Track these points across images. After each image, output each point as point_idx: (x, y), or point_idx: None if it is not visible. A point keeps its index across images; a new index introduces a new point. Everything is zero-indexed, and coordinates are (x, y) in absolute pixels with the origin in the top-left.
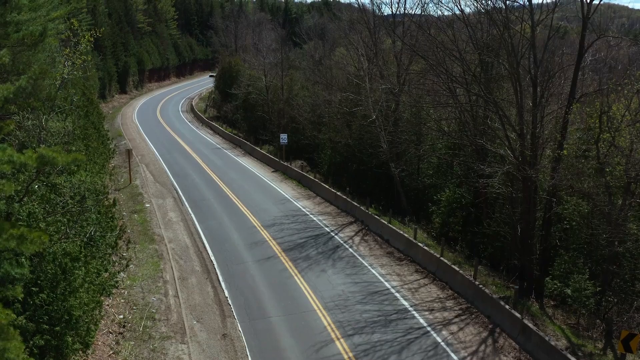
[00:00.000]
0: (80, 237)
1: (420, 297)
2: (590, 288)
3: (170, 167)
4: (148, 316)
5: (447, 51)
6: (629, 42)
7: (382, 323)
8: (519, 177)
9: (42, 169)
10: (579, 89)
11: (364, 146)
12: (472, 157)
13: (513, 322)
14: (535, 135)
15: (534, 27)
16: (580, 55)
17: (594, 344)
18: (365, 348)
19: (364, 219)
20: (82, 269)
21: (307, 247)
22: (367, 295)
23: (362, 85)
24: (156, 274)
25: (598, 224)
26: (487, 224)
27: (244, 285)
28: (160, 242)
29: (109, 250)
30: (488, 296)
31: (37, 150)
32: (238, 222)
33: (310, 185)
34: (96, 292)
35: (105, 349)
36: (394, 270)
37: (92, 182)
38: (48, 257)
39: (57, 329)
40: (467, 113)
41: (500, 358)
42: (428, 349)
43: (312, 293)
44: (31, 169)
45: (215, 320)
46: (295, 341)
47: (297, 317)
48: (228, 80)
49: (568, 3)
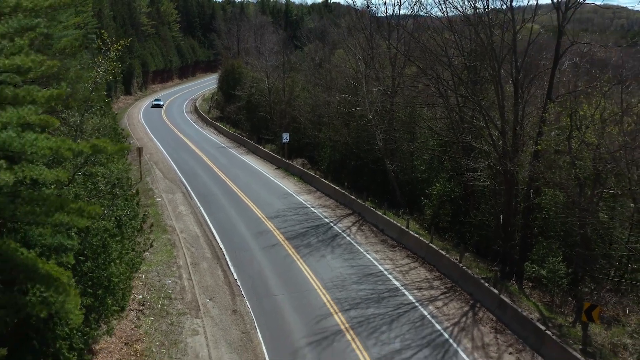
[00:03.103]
0: (112, 219)
1: (410, 278)
2: (563, 269)
3: (178, 164)
4: (165, 296)
5: (436, 57)
6: (600, 47)
7: (375, 300)
8: (500, 171)
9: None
10: (557, 90)
11: (361, 144)
12: (460, 153)
13: (492, 298)
14: (516, 132)
15: (515, 35)
16: (556, 60)
17: (565, 318)
18: (360, 320)
19: (360, 211)
20: (118, 245)
21: (308, 235)
22: (362, 277)
23: (360, 87)
24: (170, 260)
25: (570, 212)
26: (474, 215)
27: (251, 269)
28: (172, 232)
29: (135, 232)
30: (471, 276)
31: (90, 141)
32: (244, 214)
33: (311, 181)
34: (128, 265)
35: (128, 324)
36: (387, 255)
37: (119, 173)
38: (93, 232)
39: (99, 292)
40: (455, 113)
41: (479, 328)
42: (415, 321)
43: (313, 275)
44: (85, 156)
45: (225, 299)
46: (298, 315)
47: (300, 296)
48: (231, 82)
49: (546, 12)
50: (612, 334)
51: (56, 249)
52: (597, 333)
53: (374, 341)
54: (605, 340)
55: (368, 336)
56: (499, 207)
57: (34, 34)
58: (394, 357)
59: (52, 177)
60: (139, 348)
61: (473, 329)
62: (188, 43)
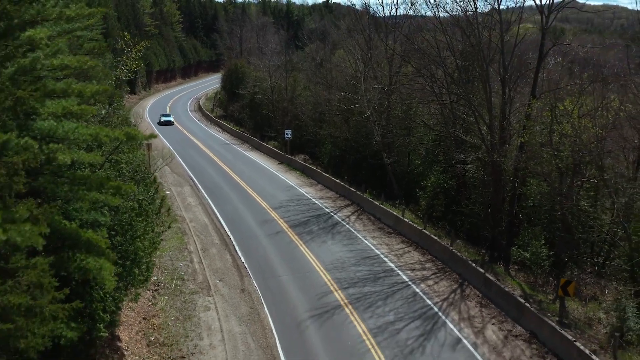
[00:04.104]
0: (134, 202)
1: (404, 261)
2: (545, 252)
3: (185, 160)
4: (178, 277)
5: (430, 57)
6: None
7: (372, 279)
8: (489, 163)
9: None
10: (546, 87)
11: (360, 139)
12: (452, 147)
13: (478, 277)
14: (503, 127)
15: (503, 36)
16: (540, 60)
17: (546, 296)
18: (357, 297)
19: (359, 202)
20: (142, 223)
21: (310, 224)
22: (360, 260)
23: (359, 86)
24: (181, 246)
25: (553, 199)
26: (465, 205)
27: (257, 253)
28: (182, 221)
29: (154, 215)
30: (460, 258)
31: (123, 129)
32: (249, 205)
33: (313, 174)
34: (150, 242)
35: (145, 302)
36: (383, 241)
37: (138, 161)
38: (122, 210)
39: (127, 263)
40: (447, 109)
41: (466, 302)
42: (408, 297)
43: (315, 258)
44: (119, 142)
45: (234, 280)
46: (301, 293)
47: (302, 276)
48: (234, 81)
49: (531, 15)
50: (588, 309)
51: (92, 223)
52: (575, 309)
53: (370, 314)
54: (581, 315)
55: (365, 310)
56: (488, 197)
57: (70, 36)
58: (388, 328)
59: (89, 159)
60: (156, 322)
61: (460, 303)
62: (190, 43)
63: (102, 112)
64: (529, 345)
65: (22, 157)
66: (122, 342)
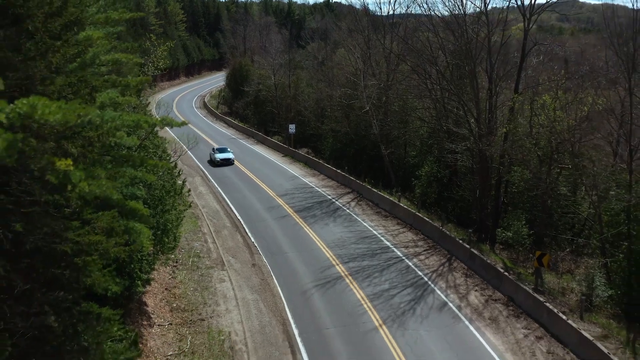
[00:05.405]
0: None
1: (399, 239)
2: (525, 231)
3: (194, 152)
4: (194, 255)
5: (424, 56)
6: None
7: (370, 255)
8: (476, 151)
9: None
10: (530, 82)
11: (359, 132)
12: (444, 138)
13: (464, 252)
14: (489, 119)
15: (490, 36)
16: (522, 58)
17: (526, 270)
18: (357, 269)
19: (359, 190)
20: (170, 200)
21: (313, 209)
22: (359, 239)
23: (358, 82)
24: (196, 229)
25: (533, 184)
26: (455, 191)
27: (266, 234)
28: (195, 207)
29: (177, 195)
30: (449, 237)
31: (161, 115)
32: (257, 193)
33: (315, 165)
34: (176, 216)
35: (165, 275)
36: (380, 223)
37: (162, 146)
38: (154, 186)
39: (158, 233)
40: (440, 104)
41: (453, 274)
42: (402, 269)
43: (318, 238)
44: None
45: (245, 256)
46: (306, 266)
47: (307, 253)
48: (239, 79)
49: (515, 17)
50: (562, 281)
51: (130, 196)
52: (550, 280)
53: (367, 283)
54: (556, 285)
55: (363, 280)
56: (476, 183)
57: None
58: (383, 294)
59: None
60: (177, 292)
61: (448, 274)
62: (194, 42)
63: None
64: (507, 307)
65: (98, 132)
66: (148, 307)
